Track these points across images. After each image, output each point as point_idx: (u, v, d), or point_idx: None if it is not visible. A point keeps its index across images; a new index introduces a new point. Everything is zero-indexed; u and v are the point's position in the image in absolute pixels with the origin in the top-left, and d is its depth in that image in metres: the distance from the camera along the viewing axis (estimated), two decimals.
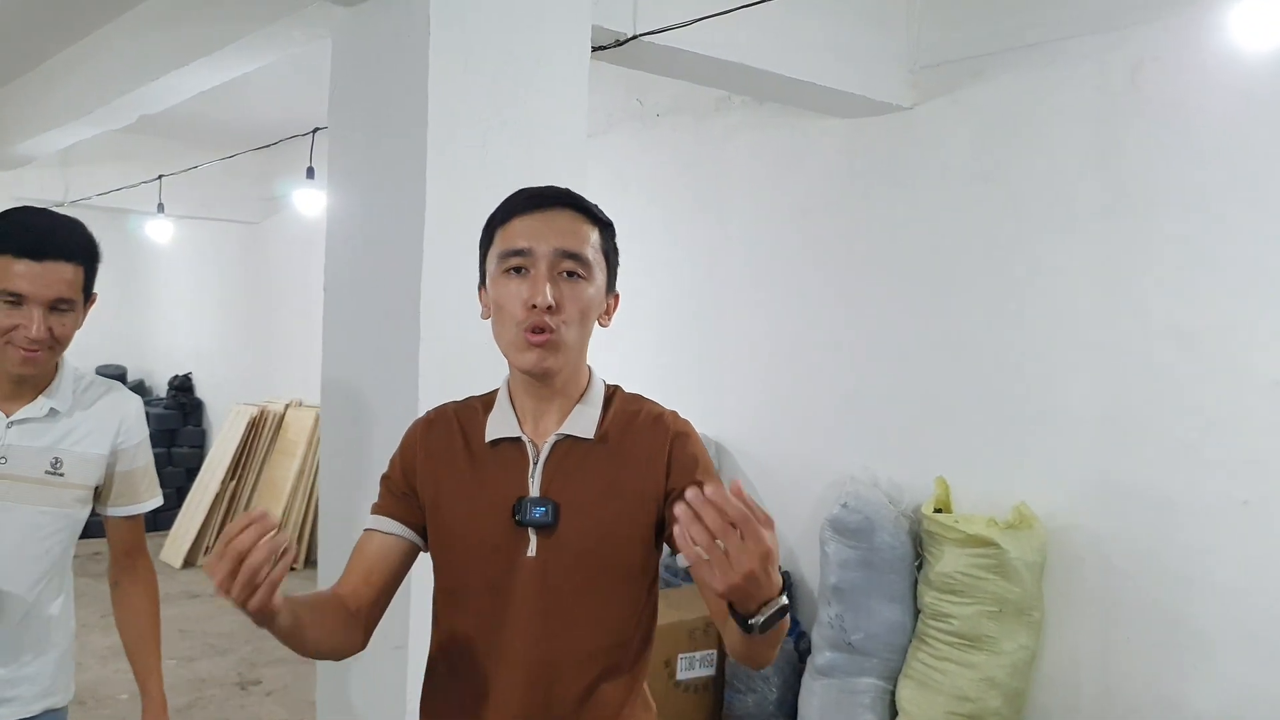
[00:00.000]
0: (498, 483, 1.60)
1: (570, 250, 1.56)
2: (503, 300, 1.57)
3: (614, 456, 1.60)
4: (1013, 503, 3.85)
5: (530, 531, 1.57)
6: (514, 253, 1.56)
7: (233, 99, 5.81)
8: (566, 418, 1.62)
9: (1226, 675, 3.37)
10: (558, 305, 1.53)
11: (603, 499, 1.58)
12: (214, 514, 7.70)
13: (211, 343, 9.34)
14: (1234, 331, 3.37)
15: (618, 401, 1.67)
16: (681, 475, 1.57)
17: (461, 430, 1.67)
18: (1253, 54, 3.27)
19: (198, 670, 5.22)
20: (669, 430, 1.62)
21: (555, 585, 1.56)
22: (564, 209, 1.60)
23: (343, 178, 3.17)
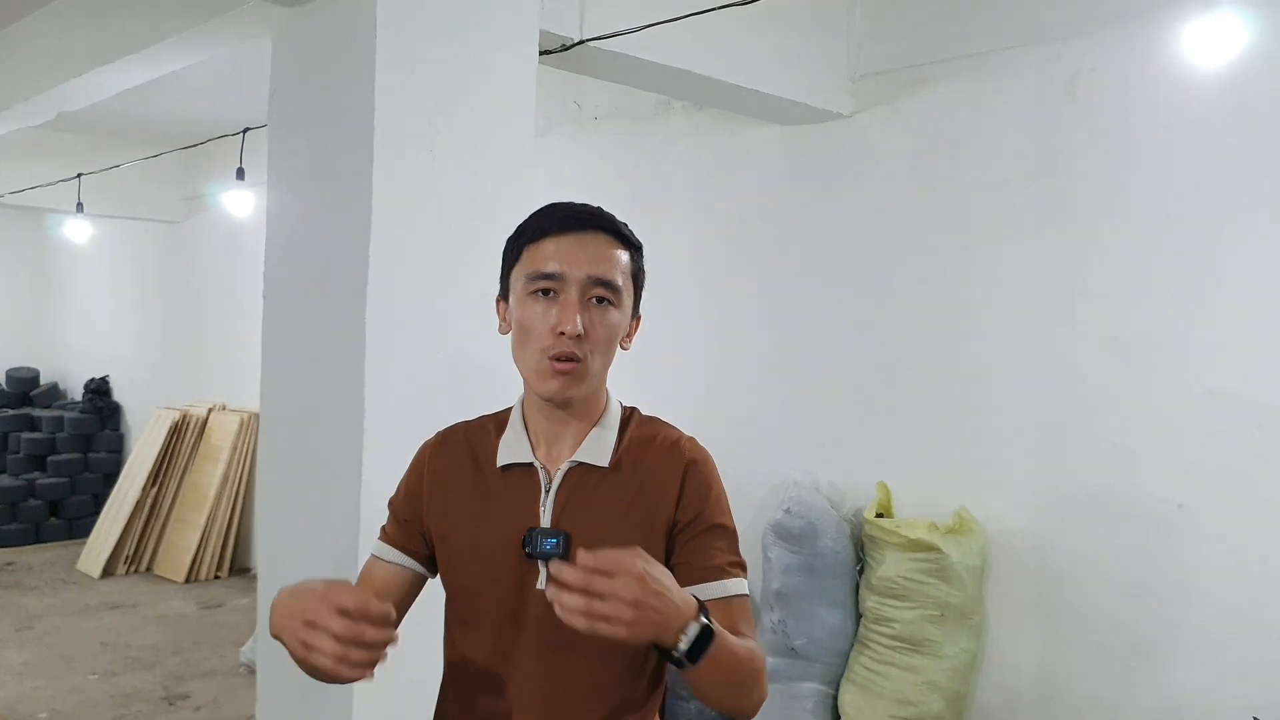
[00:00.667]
0: (509, 511, 1.56)
1: (603, 277, 1.51)
2: (528, 322, 1.52)
3: (628, 484, 1.56)
4: (953, 507, 3.89)
5: (541, 563, 1.53)
6: (545, 275, 1.51)
7: (157, 96, 5.65)
8: (581, 443, 1.58)
9: (1164, 677, 3.44)
10: (586, 333, 1.49)
11: (615, 529, 1.53)
12: (134, 521, 7.47)
13: (130, 345, 9.07)
14: (1170, 340, 3.44)
15: (634, 425, 1.63)
16: (692, 505, 1.55)
17: (472, 453, 1.63)
18: (1189, 67, 3.34)
19: (121, 685, 5.05)
20: (684, 457, 1.58)
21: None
22: (598, 232, 1.55)
23: (284, 182, 3.08)
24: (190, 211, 8.16)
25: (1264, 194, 3.26)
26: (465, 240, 2.90)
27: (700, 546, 1.55)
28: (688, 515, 1.54)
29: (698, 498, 1.56)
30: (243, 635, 5.80)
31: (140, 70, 4.09)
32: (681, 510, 1.55)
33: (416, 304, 2.85)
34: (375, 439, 2.77)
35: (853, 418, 4.27)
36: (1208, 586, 3.35)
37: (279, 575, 3.09)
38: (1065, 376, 3.67)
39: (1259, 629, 3.24)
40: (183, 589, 6.98)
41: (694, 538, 1.55)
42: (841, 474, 4.24)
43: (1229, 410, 3.31)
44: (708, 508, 1.56)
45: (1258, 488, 3.26)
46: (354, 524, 2.76)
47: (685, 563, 1.55)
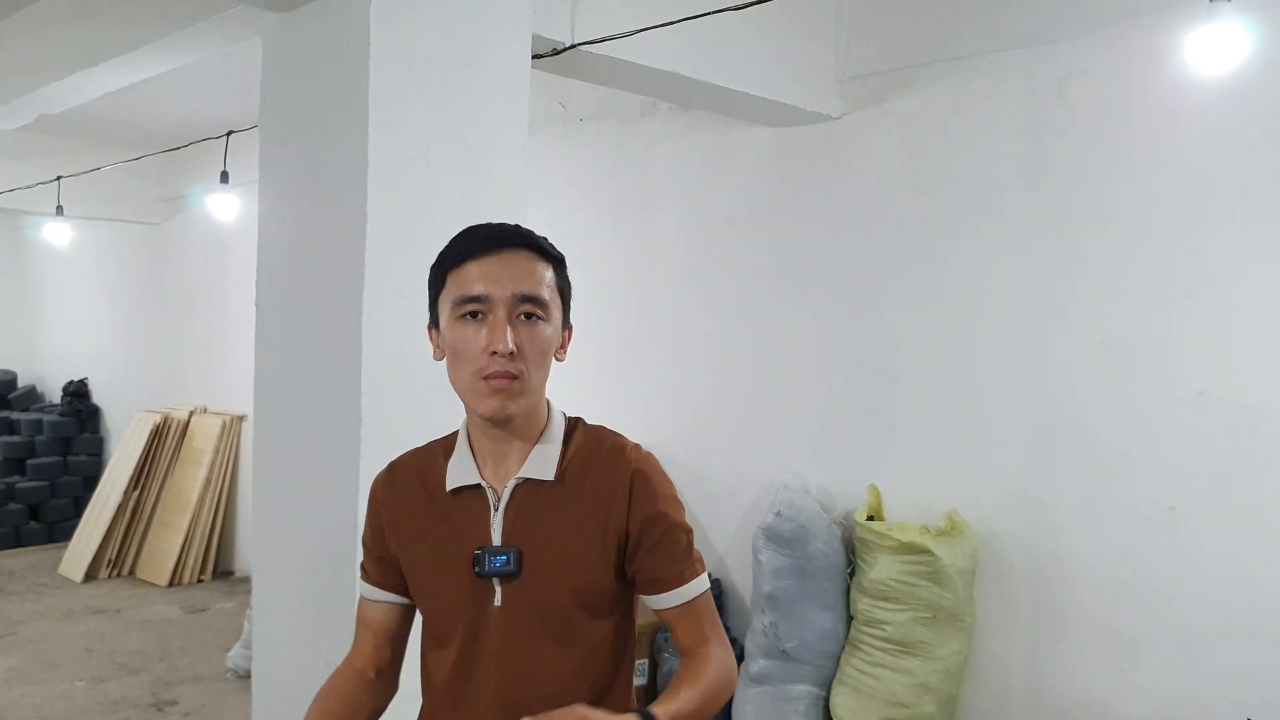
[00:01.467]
0: (461, 532, 1.58)
1: (529, 294, 1.52)
2: (460, 346, 1.53)
3: (575, 495, 1.58)
4: (944, 510, 3.90)
5: (495, 581, 1.56)
6: (471, 298, 1.52)
7: (138, 98, 5.59)
8: (526, 460, 1.59)
9: (1153, 677, 3.47)
10: (519, 350, 1.50)
11: (566, 541, 1.56)
12: (116, 525, 7.42)
13: (109, 347, 8.98)
14: (1160, 342, 3.46)
15: (579, 437, 1.64)
16: (641, 512, 1.57)
17: (421, 480, 1.66)
18: (1179, 70, 3.36)
19: (108, 692, 5.01)
20: (630, 464, 1.59)
21: (524, 632, 1.56)
22: (518, 250, 1.55)
23: (276, 191, 3.06)
24: (169, 213, 8.09)
25: (1255, 196, 3.28)
26: None
27: (656, 555, 1.58)
28: (638, 523, 1.57)
29: (646, 504, 1.57)
30: (228, 640, 5.76)
31: (123, 74, 4.05)
32: (632, 519, 1.56)
33: (412, 312, 2.82)
34: (372, 448, 2.76)
35: (843, 420, 4.28)
36: (1199, 588, 3.37)
37: (273, 581, 3.08)
38: (1056, 379, 3.69)
39: (1250, 630, 3.27)
40: (166, 593, 6.93)
41: (650, 547, 1.58)
42: (832, 477, 4.24)
43: (1220, 413, 3.33)
44: (657, 513, 1.58)
45: (1249, 489, 3.29)
46: (352, 535, 2.74)
47: (642, 572, 1.59)
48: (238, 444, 7.42)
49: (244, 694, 4.87)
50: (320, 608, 2.87)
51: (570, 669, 1.57)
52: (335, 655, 2.76)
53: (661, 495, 1.60)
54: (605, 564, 1.57)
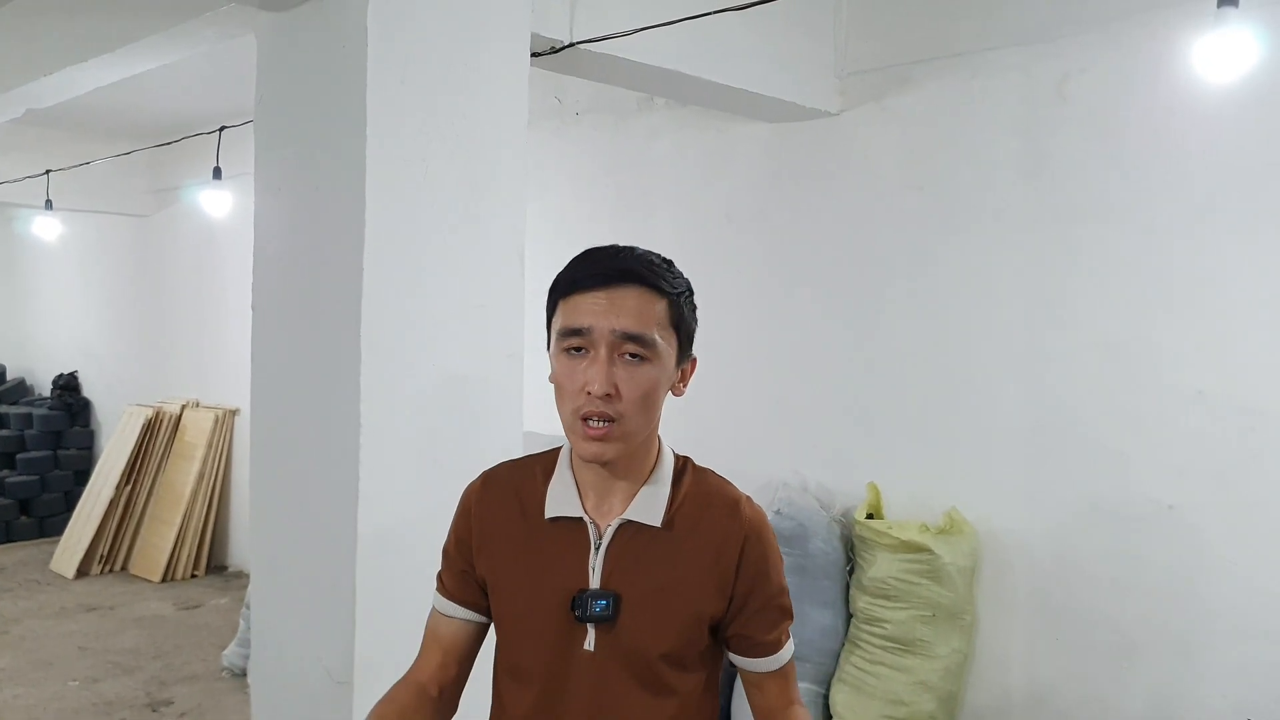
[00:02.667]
0: (557, 566, 1.54)
1: (633, 332, 1.46)
2: (561, 380, 1.49)
3: (681, 546, 1.53)
4: (944, 508, 3.90)
5: (589, 625, 1.51)
6: (573, 332, 1.47)
7: (129, 91, 5.54)
8: (632, 500, 1.54)
9: (1152, 676, 3.47)
10: (617, 392, 1.45)
11: (665, 593, 1.51)
12: (108, 521, 7.38)
13: (100, 340, 8.93)
14: (1159, 341, 3.45)
15: (688, 481, 1.59)
16: (752, 578, 1.54)
17: (519, 499, 1.60)
18: (1178, 69, 3.34)
19: (103, 692, 4.99)
20: (743, 524, 1.55)
21: (612, 680, 1.52)
22: (631, 286, 1.48)
23: (272, 192, 3.02)
24: (160, 205, 8.04)
25: (1253, 195, 3.27)
26: (459, 249, 2.87)
27: (761, 622, 1.56)
28: (747, 587, 1.53)
29: (758, 571, 1.54)
30: (223, 637, 5.75)
31: (114, 69, 4.01)
32: (740, 581, 1.53)
33: (411, 314, 2.81)
34: (371, 451, 2.74)
35: (842, 419, 4.27)
36: (1198, 587, 3.37)
37: (274, 583, 3.06)
38: (1055, 377, 3.68)
39: (1249, 629, 3.27)
40: (160, 589, 6.90)
41: (755, 612, 1.55)
42: (831, 475, 4.24)
43: (1219, 412, 3.33)
44: (769, 581, 1.55)
45: (1247, 488, 3.29)
46: (351, 540, 2.73)
47: (744, 635, 1.56)
48: (231, 438, 7.39)
49: (240, 693, 4.87)
50: (320, 606, 2.86)
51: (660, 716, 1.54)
52: (336, 655, 2.77)
53: (773, 561, 1.57)
54: (701, 621, 1.53)
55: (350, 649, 2.72)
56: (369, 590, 2.73)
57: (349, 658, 2.72)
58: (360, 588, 2.72)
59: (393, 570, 2.74)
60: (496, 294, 2.97)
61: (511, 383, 3.01)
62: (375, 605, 2.73)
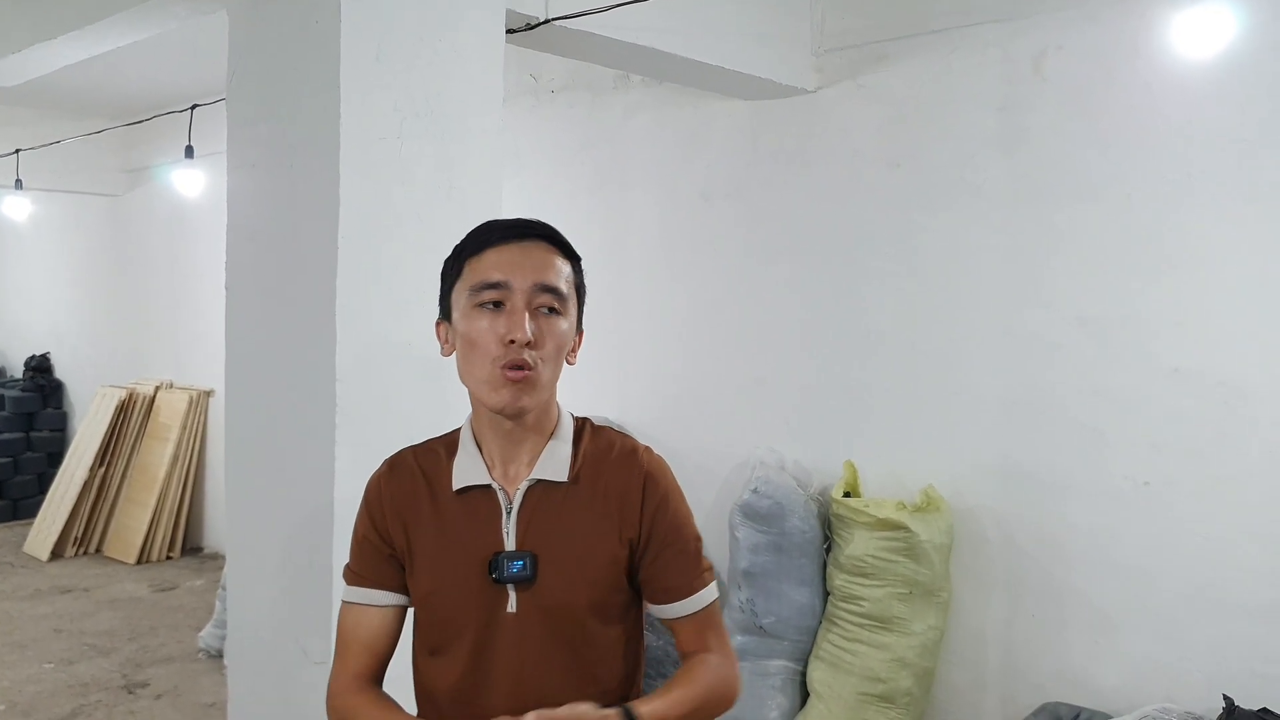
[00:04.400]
0: (470, 536, 1.54)
1: (548, 284, 1.50)
2: (475, 335, 1.50)
3: (588, 498, 1.56)
4: (921, 486, 3.91)
5: (509, 587, 1.52)
6: (489, 285, 1.49)
7: (99, 69, 5.48)
8: (538, 460, 1.56)
9: (1127, 651, 3.49)
10: (536, 340, 1.48)
11: (580, 545, 1.54)
12: (82, 502, 7.32)
13: (72, 321, 8.84)
14: (1136, 318, 3.46)
15: (587, 437, 1.62)
16: (652, 520, 1.56)
17: (425, 478, 1.60)
18: (1156, 45, 3.36)
19: (79, 674, 4.96)
20: (642, 468, 1.58)
21: (537, 639, 1.53)
22: (539, 241, 1.54)
23: (245, 170, 2.99)
24: (132, 185, 7.95)
25: (1231, 172, 3.28)
26: (434, 228, 2.85)
27: (666, 564, 1.57)
28: (648, 531, 1.55)
29: (658, 512, 1.57)
30: (199, 618, 5.72)
31: (83, 46, 3.96)
32: (644, 524, 1.56)
33: (387, 291, 2.80)
34: (347, 429, 2.73)
35: (819, 397, 4.27)
36: (1173, 563, 3.40)
37: (248, 564, 3.04)
38: (1032, 355, 3.69)
39: (1224, 604, 3.29)
40: (135, 570, 6.86)
41: (659, 555, 1.57)
42: (808, 453, 4.24)
43: (1195, 388, 3.35)
44: (669, 521, 1.57)
45: (1223, 465, 3.31)
46: (328, 519, 2.71)
47: (652, 580, 1.58)
48: (205, 419, 7.34)
49: (217, 674, 4.85)
50: (296, 585, 2.85)
51: (584, 675, 1.56)
52: (312, 635, 2.76)
53: (674, 502, 1.59)
54: (618, 570, 1.55)
55: (327, 628, 2.70)
56: None
57: (326, 638, 2.70)
58: (337, 566, 2.70)
59: None
60: None
61: None
62: None
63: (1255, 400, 3.25)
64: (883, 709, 3.78)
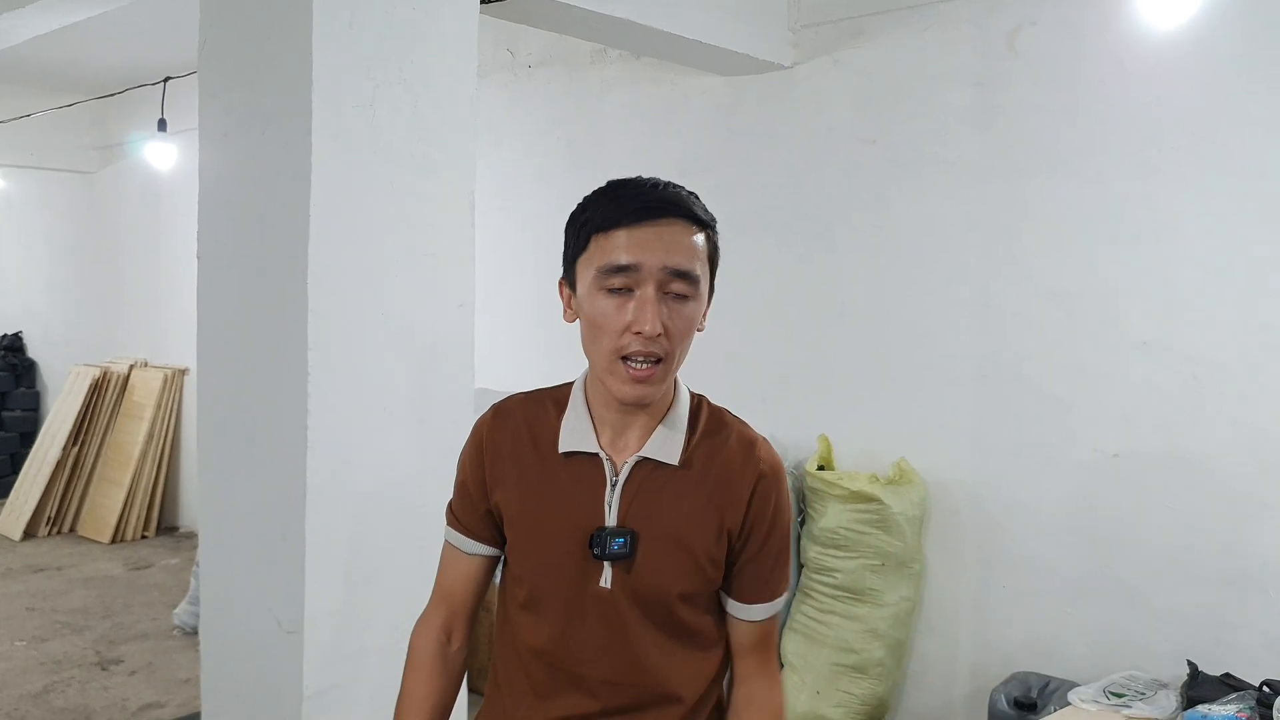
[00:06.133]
0: (572, 502, 1.50)
1: (683, 269, 1.41)
2: (599, 320, 1.43)
3: (697, 484, 1.50)
4: (893, 458, 3.93)
5: (605, 562, 1.48)
6: (619, 269, 1.40)
7: (69, 42, 5.42)
8: (650, 436, 1.50)
9: (1096, 621, 3.53)
10: (665, 330, 1.40)
11: (680, 531, 1.49)
12: (55, 482, 7.29)
13: (44, 300, 8.77)
14: (1105, 292, 3.49)
15: (704, 419, 1.55)
16: (760, 519, 1.52)
17: (530, 431, 1.55)
18: (1129, 21, 3.38)
19: (51, 651, 4.94)
20: (758, 465, 1.53)
21: (626, 618, 1.50)
22: (676, 219, 1.43)
23: (217, 141, 2.96)
24: (105, 161, 7.88)
25: (1200, 146, 3.30)
26: (408, 197, 2.84)
27: (763, 565, 1.54)
28: (753, 528, 1.52)
29: (767, 512, 1.52)
30: (174, 596, 5.70)
31: (55, 16, 3.92)
32: (749, 522, 1.51)
33: (359, 262, 2.78)
34: (320, 399, 2.71)
35: (793, 371, 4.29)
36: (1140, 533, 3.44)
37: (221, 540, 3.04)
38: (1004, 328, 3.72)
39: (1190, 573, 3.34)
40: (109, 550, 6.83)
41: (757, 554, 1.53)
42: (783, 427, 4.25)
43: (1164, 361, 3.38)
44: (776, 525, 1.54)
45: (1190, 437, 3.34)
46: (300, 487, 2.71)
47: (745, 577, 1.54)
48: (180, 398, 7.30)
49: (191, 651, 4.84)
50: (269, 563, 2.84)
51: (675, 656, 1.52)
52: (285, 605, 2.75)
53: (783, 505, 1.55)
54: (713, 561, 1.50)
55: (300, 598, 2.70)
56: (318, 538, 2.72)
57: (299, 607, 2.70)
58: (310, 536, 2.70)
59: (342, 518, 2.73)
60: (446, 243, 2.94)
61: (462, 332, 2.99)
62: (325, 554, 2.72)
63: (1223, 373, 3.29)
64: (856, 679, 3.81)
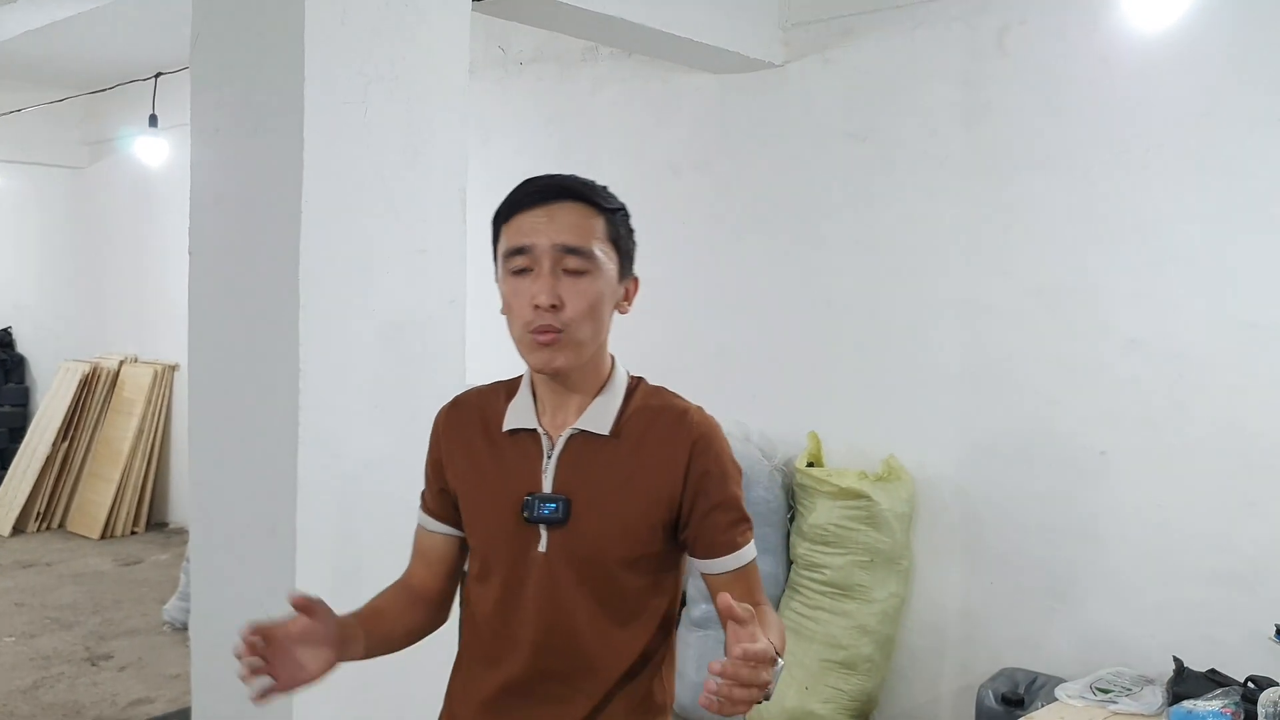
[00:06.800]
0: (512, 474, 1.61)
1: (572, 245, 1.53)
2: (510, 299, 1.56)
3: (630, 453, 1.59)
4: (882, 455, 3.96)
5: (541, 527, 1.57)
6: (516, 251, 1.54)
7: (60, 37, 5.41)
8: (584, 411, 1.61)
9: (1084, 617, 3.56)
10: (561, 304, 1.51)
11: (616, 496, 1.57)
12: (45, 477, 7.27)
13: (34, 295, 8.75)
14: (1092, 290, 3.52)
15: (639, 395, 1.65)
16: (702, 480, 1.57)
17: (482, 417, 1.68)
18: (1116, 21, 3.41)
19: (41, 646, 4.94)
20: (691, 430, 1.59)
21: (566, 581, 1.57)
22: (567, 201, 1.56)
23: (209, 136, 2.96)
24: (95, 157, 7.86)
25: (1187, 145, 3.34)
26: (399, 193, 2.85)
27: (715, 521, 1.59)
28: (698, 490, 1.57)
29: (708, 472, 1.58)
30: (164, 592, 5.70)
31: (43, 11, 3.92)
32: (691, 485, 1.57)
33: (351, 258, 2.79)
34: (311, 395, 2.72)
35: (783, 368, 4.31)
36: (1127, 530, 3.46)
37: (212, 536, 3.04)
38: (992, 325, 3.74)
39: (1176, 570, 3.37)
40: (99, 545, 6.82)
41: (708, 513, 1.58)
42: (773, 424, 4.27)
43: (1150, 359, 3.41)
44: (719, 481, 1.58)
45: (1175, 434, 3.37)
46: (291, 483, 2.71)
47: (701, 537, 1.59)
48: (170, 394, 7.29)
49: (181, 646, 4.84)
50: (259, 558, 2.85)
51: (612, 621, 1.59)
52: (277, 601, 2.75)
53: (724, 465, 1.61)
54: (652, 526, 1.57)
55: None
56: (309, 534, 2.72)
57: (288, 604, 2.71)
58: (300, 531, 2.71)
59: (333, 513, 2.74)
60: (438, 239, 2.95)
61: (453, 328, 3.00)
62: (315, 549, 2.73)
63: (1208, 370, 3.32)
64: (844, 675, 3.83)
